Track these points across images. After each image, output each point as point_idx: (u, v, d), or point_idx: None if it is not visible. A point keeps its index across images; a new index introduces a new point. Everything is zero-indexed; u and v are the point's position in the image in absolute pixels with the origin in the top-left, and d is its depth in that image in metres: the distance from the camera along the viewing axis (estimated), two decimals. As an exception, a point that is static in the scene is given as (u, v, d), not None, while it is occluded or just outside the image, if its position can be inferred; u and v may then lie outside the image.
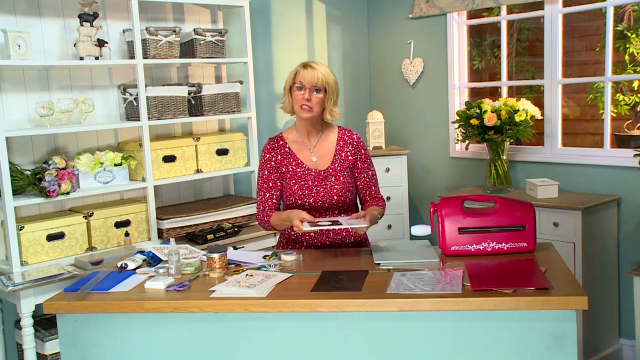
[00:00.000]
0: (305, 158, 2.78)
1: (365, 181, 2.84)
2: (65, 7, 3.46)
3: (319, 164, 2.78)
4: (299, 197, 2.74)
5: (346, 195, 2.77)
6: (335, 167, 2.77)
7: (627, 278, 3.75)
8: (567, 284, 2.07)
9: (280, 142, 2.82)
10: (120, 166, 3.49)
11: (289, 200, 2.78)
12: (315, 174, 2.76)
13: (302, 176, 2.75)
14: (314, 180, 2.75)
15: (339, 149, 2.81)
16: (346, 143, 2.82)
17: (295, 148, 2.80)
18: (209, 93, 3.82)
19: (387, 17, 4.96)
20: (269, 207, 2.78)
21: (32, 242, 3.17)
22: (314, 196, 2.74)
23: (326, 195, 2.74)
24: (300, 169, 2.76)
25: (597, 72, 4.99)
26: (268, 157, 2.80)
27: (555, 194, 3.77)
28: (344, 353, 2.09)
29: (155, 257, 2.56)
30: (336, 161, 2.78)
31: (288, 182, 2.76)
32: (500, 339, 2.01)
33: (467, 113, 4.01)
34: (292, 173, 2.76)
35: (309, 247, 2.79)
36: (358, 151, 2.83)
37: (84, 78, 3.58)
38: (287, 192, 2.78)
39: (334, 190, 2.75)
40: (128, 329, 2.19)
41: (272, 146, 2.81)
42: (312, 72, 2.68)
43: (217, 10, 4.11)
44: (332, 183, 2.75)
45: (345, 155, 2.80)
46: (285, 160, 2.78)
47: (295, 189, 2.75)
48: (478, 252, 2.41)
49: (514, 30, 5.39)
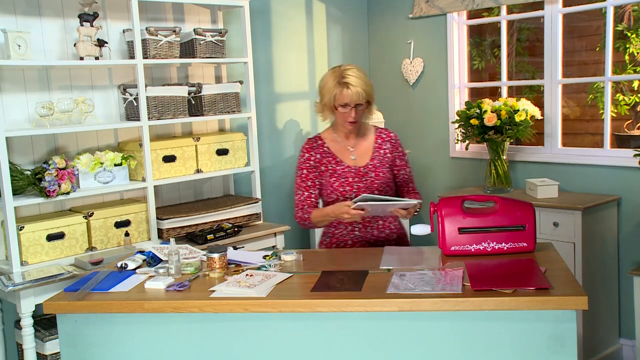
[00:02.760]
0: (344, 157, 2.83)
1: (403, 178, 2.90)
2: (65, 7, 3.46)
3: (358, 162, 2.83)
4: (341, 193, 2.78)
5: (386, 190, 2.83)
6: (375, 164, 2.82)
7: (627, 278, 3.75)
8: (567, 284, 2.07)
9: (319, 141, 2.87)
10: (120, 166, 3.49)
11: (330, 198, 2.82)
12: (355, 170, 2.80)
13: (343, 173, 2.80)
14: (354, 176, 2.79)
15: (377, 147, 2.86)
16: (384, 141, 2.88)
17: (334, 147, 2.85)
18: (209, 93, 3.82)
19: (387, 17, 4.96)
20: (308, 205, 2.83)
21: (32, 242, 3.17)
22: (355, 192, 2.77)
23: (367, 190, 2.77)
24: (340, 166, 2.81)
25: (597, 72, 4.99)
26: (307, 157, 2.84)
27: (555, 194, 3.77)
28: (344, 353, 2.09)
29: (155, 257, 2.56)
30: (375, 158, 2.83)
31: (328, 180, 2.81)
32: (500, 339, 2.01)
33: (467, 113, 4.01)
34: (332, 171, 2.81)
35: (353, 245, 2.81)
36: (396, 149, 2.89)
37: (84, 78, 3.58)
38: (327, 190, 2.81)
39: (375, 185, 2.79)
40: (128, 329, 2.19)
41: (311, 146, 2.86)
42: (353, 90, 2.68)
43: (217, 10, 4.11)
44: (373, 178, 2.80)
45: (383, 152, 2.86)
46: (324, 159, 2.82)
47: (336, 186, 2.79)
48: (478, 252, 2.41)
49: (514, 30, 5.39)
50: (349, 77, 2.69)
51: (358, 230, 2.81)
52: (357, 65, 2.80)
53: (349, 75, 2.70)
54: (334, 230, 2.85)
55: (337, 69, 2.77)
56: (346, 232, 2.82)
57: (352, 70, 2.72)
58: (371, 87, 2.76)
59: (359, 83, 2.69)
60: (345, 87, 2.69)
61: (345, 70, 2.73)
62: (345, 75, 2.70)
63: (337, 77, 2.72)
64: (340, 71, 2.74)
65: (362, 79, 2.71)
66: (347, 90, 2.68)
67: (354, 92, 2.68)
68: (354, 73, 2.71)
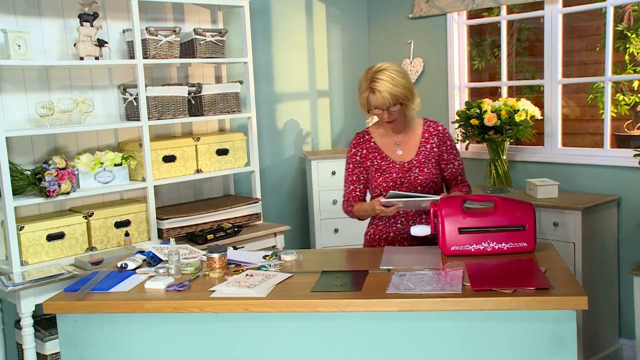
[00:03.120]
0: (390, 152, 2.84)
1: (452, 171, 2.89)
2: (65, 7, 3.46)
3: (404, 157, 2.84)
4: (384, 189, 2.80)
5: (430, 186, 2.82)
6: (420, 159, 2.82)
7: (627, 278, 3.75)
8: (567, 284, 2.07)
9: (366, 136, 2.88)
10: (120, 166, 3.49)
11: (374, 193, 2.85)
12: (400, 166, 2.81)
13: (387, 169, 2.81)
14: (398, 172, 2.81)
15: (424, 142, 2.86)
16: (431, 135, 2.87)
17: (380, 142, 2.86)
18: (209, 93, 3.82)
19: (387, 17, 4.96)
20: (353, 198, 2.86)
21: (32, 242, 3.17)
22: (398, 187, 2.79)
23: (410, 186, 2.79)
24: (385, 162, 2.82)
25: (597, 72, 4.99)
26: (354, 152, 2.88)
27: (555, 194, 3.76)
28: (344, 353, 2.09)
29: (155, 257, 2.56)
30: (421, 153, 2.84)
31: (373, 175, 2.83)
32: (500, 339, 2.01)
33: (467, 113, 4.01)
34: (377, 167, 2.83)
35: (395, 238, 2.83)
36: (443, 142, 2.88)
37: (84, 78, 3.58)
38: (372, 185, 2.85)
39: (418, 181, 2.80)
40: (128, 329, 2.19)
41: (358, 141, 2.88)
42: (379, 96, 2.66)
43: (217, 10, 4.11)
44: (416, 174, 2.81)
45: (430, 147, 2.85)
46: (370, 155, 2.85)
47: (380, 181, 2.81)
48: (478, 252, 2.41)
49: (514, 30, 5.39)
50: (376, 82, 2.65)
51: (400, 223, 2.83)
52: (390, 64, 2.72)
53: (377, 80, 2.66)
54: (377, 222, 2.89)
55: (369, 71, 2.72)
56: (389, 224, 2.85)
57: (382, 73, 2.67)
58: (403, 87, 2.68)
59: (386, 87, 2.64)
60: (372, 92, 2.67)
61: (375, 73, 2.68)
62: (373, 79, 2.67)
63: (367, 81, 2.69)
64: (370, 73, 2.70)
65: (391, 82, 2.65)
66: (374, 96, 2.67)
67: (379, 97, 2.66)
68: (384, 76, 2.66)
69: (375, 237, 2.88)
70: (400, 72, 2.70)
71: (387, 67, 2.70)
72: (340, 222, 4.38)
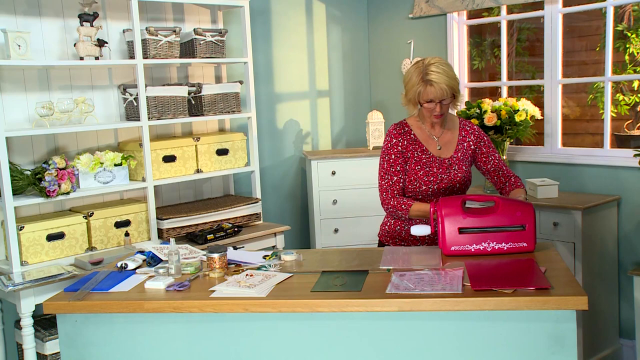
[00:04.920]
0: (429, 146, 2.83)
1: (494, 163, 2.89)
2: (65, 7, 3.46)
3: (442, 152, 2.83)
4: (424, 182, 2.78)
5: (466, 184, 2.86)
6: (459, 157, 2.83)
7: (627, 278, 3.75)
8: (567, 284, 2.07)
9: (406, 128, 2.85)
10: (120, 166, 3.49)
11: (412, 185, 2.80)
12: (440, 161, 2.81)
13: (427, 163, 2.80)
14: (439, 167, 2.80)
15: (461, 139, 2.86)
16: (468, 133, 2.88)
17: (420, 136, 2.84)
18: (209, 93, 3.83)
19: (387, 17, 4.96)
20: (397, 191, 2.79)
21: (32, 242, 3.17)
22: (438, 183, 2.79)
23: (450, 182, 2.80)
24: (425, 155, 2.81)
25: (597, 72, 4.99)
26: (395, 142, 2.81)
27: (555, 194, 3.76)
28: (344, 353, 2.09)
29: (155, 257, 2.56)
30: (459, 150, 2.84)
31: (413, 168, 2.80)
32: (500, 339, 2.01)
33: (467, 113, 4.01)
34: (417, 159, 2.80)
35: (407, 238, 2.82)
36: (480, 139, 2.89)
37: (84, 78, 3.58)
38: (411, 177, 2.80)
39: (457, 178, 2.81)
40: (128, 329, 2.19)
41: (399, 132, 2.84)
42: (437, 87, 2.64)
43: (217, 10, 4.11)
44: (456, 171, 2.81)
45: (467, 144, 2.86)
46: (410, 147, 2.81)
47: (420, 175, 2.79)
48: (478, 252, 2.41)
49: (514, 30, 5.39)
50: (432, 74, 2.65)
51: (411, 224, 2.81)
52: (440, 58, 2.72)
53: (432, 72, 2.65)
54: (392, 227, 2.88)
55: (420, 64, 2.71)
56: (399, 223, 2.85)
57: (435, 66, 2.66)
58: (455, 81, 2.70)
59: (442, 79, 2.64)
60: (429, 84, 2.65)
61: (428, 66, 2.67)
62: (428, 72, 2.65)
63: (420, 74, 2.68)
64: (423, 66, 2.69)
65: (446, 74, 2.66)
66: (431, 88, 2.66)
67: (437, 89, 2.65)
68: (438, 68, 2.66)
69: (395, 229, 2.86)
70: (450, 66, 2.73)
71: (438, 60, 2.71)
72: (340, 222, 4.38)
